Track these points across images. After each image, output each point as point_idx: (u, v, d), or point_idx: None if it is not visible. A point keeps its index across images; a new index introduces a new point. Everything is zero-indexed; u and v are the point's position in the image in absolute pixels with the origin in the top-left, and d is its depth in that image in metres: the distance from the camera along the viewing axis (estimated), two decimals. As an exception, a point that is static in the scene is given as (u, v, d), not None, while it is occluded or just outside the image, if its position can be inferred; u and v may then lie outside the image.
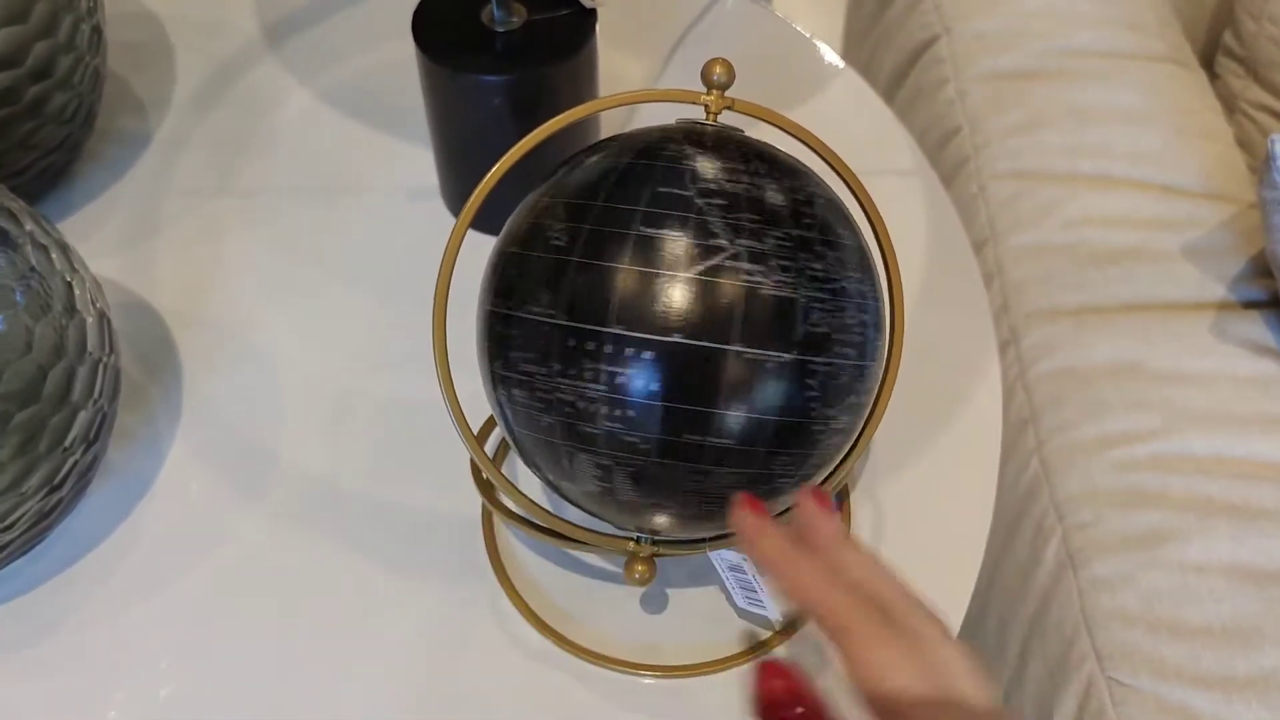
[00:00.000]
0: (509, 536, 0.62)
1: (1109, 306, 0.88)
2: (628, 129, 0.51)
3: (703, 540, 0.52)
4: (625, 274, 0.44)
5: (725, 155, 0.47)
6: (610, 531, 0.52)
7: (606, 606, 0.59)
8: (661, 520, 0.48)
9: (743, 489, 0.45)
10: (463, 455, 0.64)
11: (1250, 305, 0.86)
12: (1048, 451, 0.82)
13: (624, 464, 0.45)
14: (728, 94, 0.49)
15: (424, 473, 0.64)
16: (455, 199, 0.75)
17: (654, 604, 0.59)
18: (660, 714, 0.55)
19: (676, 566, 0.60)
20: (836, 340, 0.45)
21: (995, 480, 0.66)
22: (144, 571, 0.60)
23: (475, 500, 0.61)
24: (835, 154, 0.50)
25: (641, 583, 0.51)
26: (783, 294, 0.44)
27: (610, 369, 0.44)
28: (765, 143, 0.49)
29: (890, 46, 1.15)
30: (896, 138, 0.79)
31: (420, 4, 0.69)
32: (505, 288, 0.48)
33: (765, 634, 0.57)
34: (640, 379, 0.44)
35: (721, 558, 0.53)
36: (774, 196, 0.45)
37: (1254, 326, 0.84)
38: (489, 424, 0.64)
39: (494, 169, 0.50)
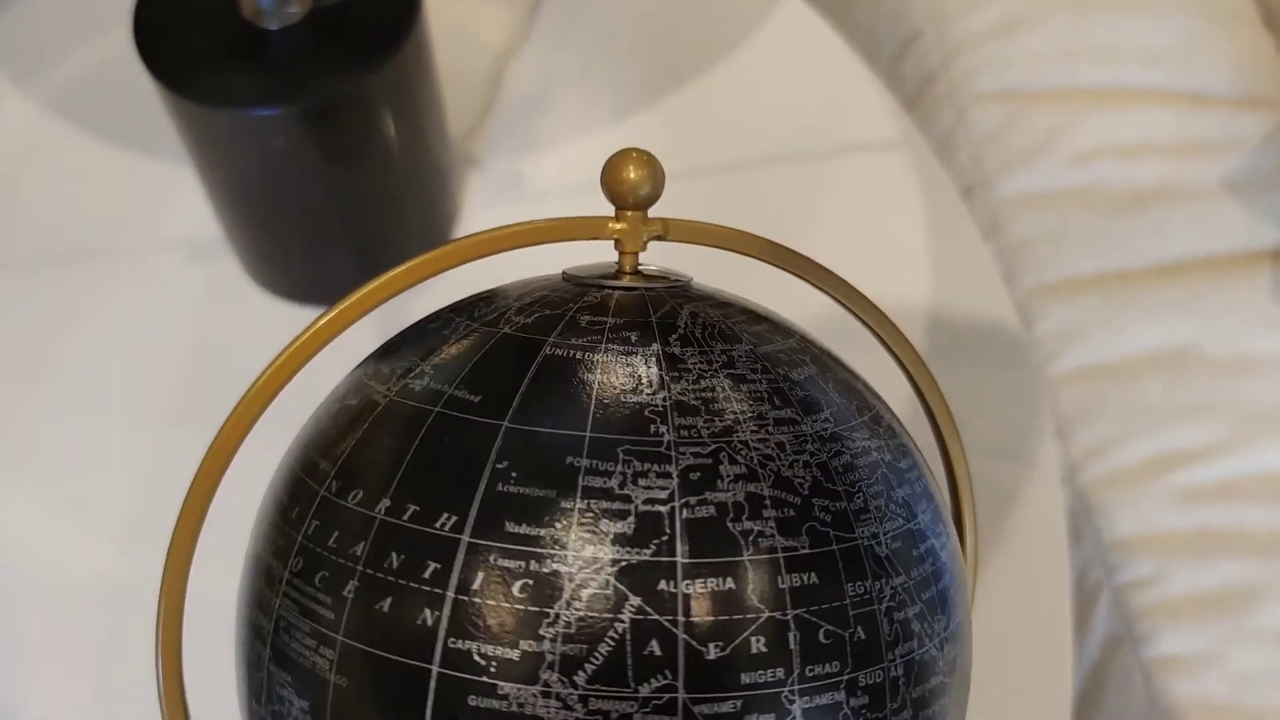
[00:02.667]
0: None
1: (1141, 270, 0.68)
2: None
3: None
4: (496, 605, 0.23)
5: (662, 356, 0.25)
6: None
7: None
8: None
9: None
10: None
11: (1319, 250, 0.68)
12: (1085, 480, 0.64)
13: None
14: (653, 212, 0.27)
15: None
16: (252, 257, 0.52)
17: None
18: None
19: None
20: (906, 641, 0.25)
21: (1068, 596, 0.47)
22: None
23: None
24: (868, 301, 0.29)
25: None
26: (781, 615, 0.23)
27: None
28: (730, 307, 0.27)
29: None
30: (868, 95, 0.57)
31: (142, -6, 0.45)
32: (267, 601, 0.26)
33: None
34: None
35: None
36: (750, 430, 0.24)
37: (1328, 282, 0.66)
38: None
39: (286, 353, 0.27)
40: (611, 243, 0.27)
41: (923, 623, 0.24)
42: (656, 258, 0.28)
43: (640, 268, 0.27)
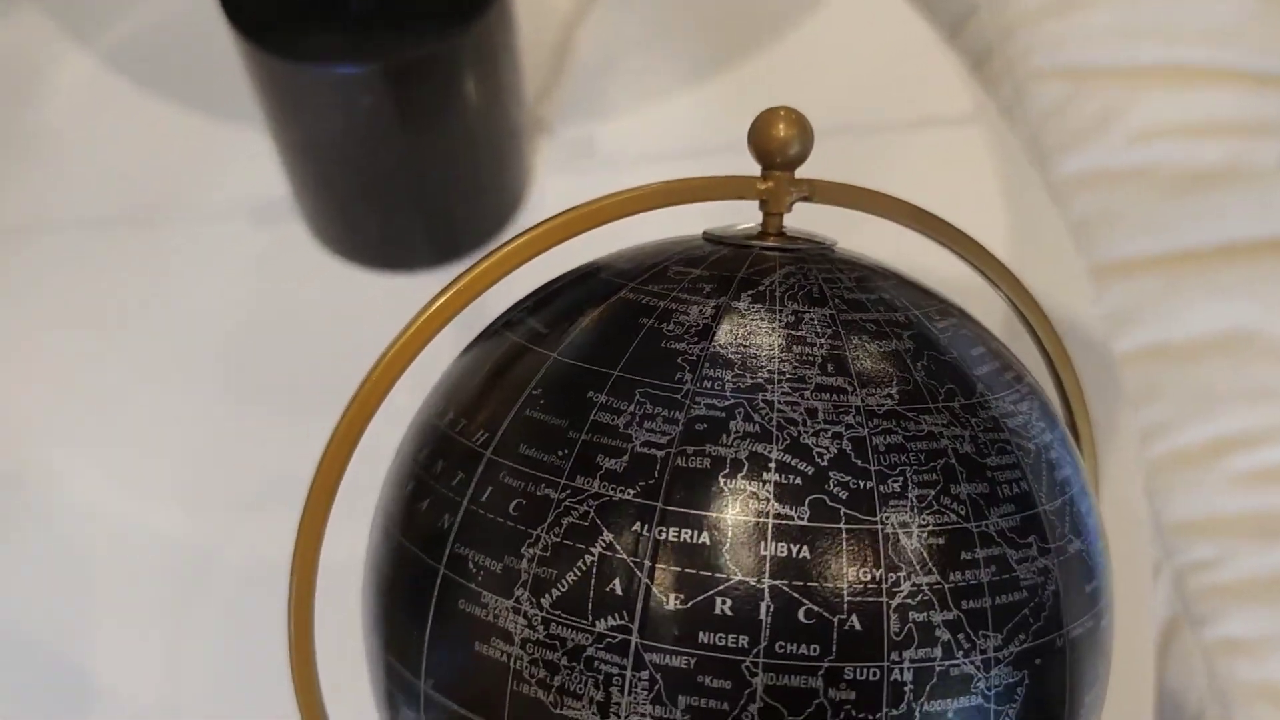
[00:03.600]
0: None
1: (1203, 251, 0.68)
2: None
3: None
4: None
5: (722, 308, 0.25)
6: None
7: None
8: None
9: None
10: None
11: (1384, 236, 0.67)
12: (1143, 462, 0.63)
13: None
14: (800, 172, 0.26)
15: (336, 682, 0.43)
16: (320, 218, 0.51)
17: None
18: None
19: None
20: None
21: (1149, 592, 0.46)
22: None
23: None
24: (1006, 270, 0.28)
25: None
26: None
27: None
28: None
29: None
30: (940, 67, 0.56)
31: (225, -56, 0.44)
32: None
33: None
34: None
35: None
36: (782, 392, 0.23)
37: (1395, 267, 0.65)
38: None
39: (379, 367, 0.26)
40: (756, 203, 0.26)
41: (956, 633, 0.22)
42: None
43: (785, 229, 0.27)
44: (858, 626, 0.22)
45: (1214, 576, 0.60)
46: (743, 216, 0.28)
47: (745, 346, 0.24)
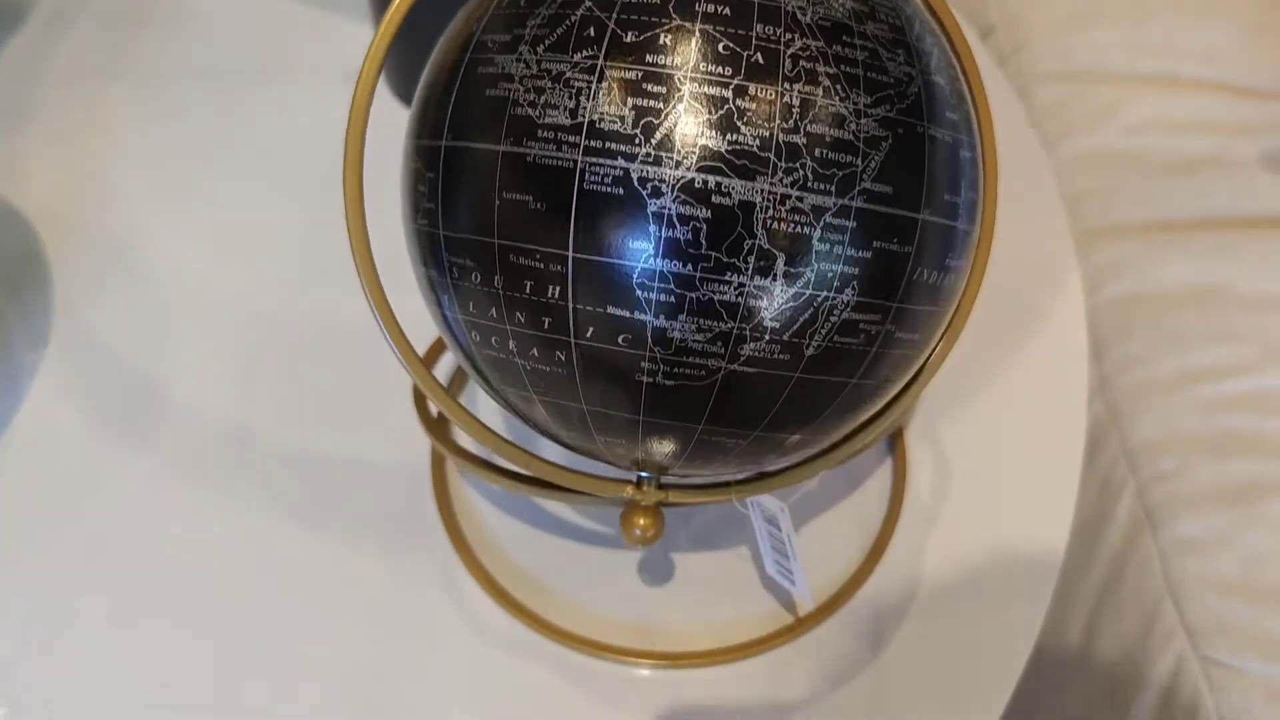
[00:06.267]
0: (466, 489, 0.48)
1: (1182, 222, 0.75)
2: None
3: (727, 483, 0.38)
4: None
5: None
6: (601, 473, 0.38)
7: (592, 576, 0.46)
8: (668, 448, 0.34)
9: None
10: (405, 390, 0.50)
11: (1348, 219, 0.73)
12: (1116, 390, 0.69)
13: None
14: None
15: (355, 412, 0.50)
16: (403, 81, 0.61)
17: (654, 573, 0.45)
18: (660, 712, 0.42)
19: (682, 524, 0.46)
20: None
21: (1083, 411, 0.52)
22: (-8, 538, 0.47)
23: (421, 444, 0.48)
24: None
25: (644, 541, 0.37)
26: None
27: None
28: None
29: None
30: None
31: None
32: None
33: (792, 616, 0.44)
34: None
35: (757, 504, 0.39)
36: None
37: (1355, 243, 0.71)
38: (439, 346, 0.51)
39: None
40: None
41: (835, 84, 0.30)
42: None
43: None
44: (760, 61, 0.30)
45: (1173, 486, 0.65)
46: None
47: None
